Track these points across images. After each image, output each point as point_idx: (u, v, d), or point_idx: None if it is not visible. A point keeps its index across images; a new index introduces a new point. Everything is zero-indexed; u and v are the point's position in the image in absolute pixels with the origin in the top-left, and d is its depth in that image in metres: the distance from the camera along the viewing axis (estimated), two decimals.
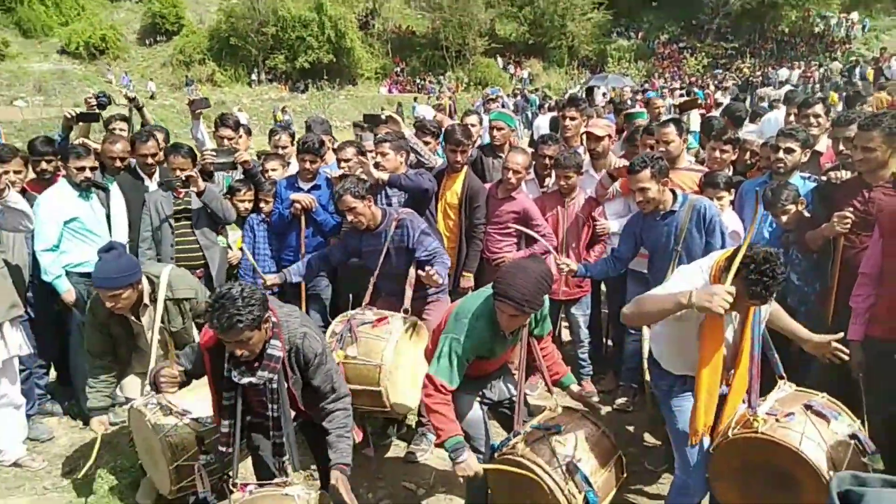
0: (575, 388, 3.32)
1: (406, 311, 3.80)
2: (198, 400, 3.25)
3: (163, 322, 3.45)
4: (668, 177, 3.70)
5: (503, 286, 2.72)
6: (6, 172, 4.03)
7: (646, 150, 4.36)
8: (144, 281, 3.38)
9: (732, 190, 4.01)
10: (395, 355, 3.50)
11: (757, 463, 2.61)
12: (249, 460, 3.22)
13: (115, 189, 4.49)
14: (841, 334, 2.93)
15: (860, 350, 3.16)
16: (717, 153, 4.42)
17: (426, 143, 4.91)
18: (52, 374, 4.86)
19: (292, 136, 5.76)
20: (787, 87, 14.92)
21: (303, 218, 4.59)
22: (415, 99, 26.00)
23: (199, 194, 4.32)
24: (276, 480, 2.73)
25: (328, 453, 2.76)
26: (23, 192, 4.17)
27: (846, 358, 2.87)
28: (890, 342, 3.07)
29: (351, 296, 4.63)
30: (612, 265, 3.92)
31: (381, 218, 3.91)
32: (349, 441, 2.75)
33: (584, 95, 12.19)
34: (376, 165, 4.31)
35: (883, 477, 0.56)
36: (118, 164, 4.58)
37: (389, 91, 32.74)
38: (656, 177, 3.55)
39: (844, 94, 6.81)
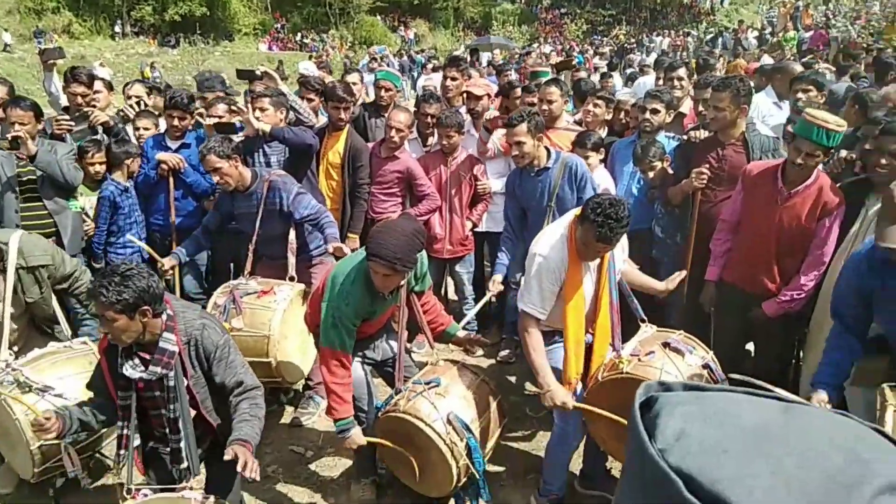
0: (461, 334, 3.41)
1: (292, 279, 3.72)
2: (58, 377, 3.04)
3: (16, 292, 3.17)
4: (544, 133, 3.82)
5: (374, 246, 2.71)
6: None
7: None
8: None
9: (602, 150, 4.18)
10: (283, 325, 3.44)
11: (626, 402, 2.78)
12: None
13: None
14: (684, 273, 3.22)
15: (714, 289, 3.47)
16: (591, 107, 4.62)
17: (310, 101, 4.75)
18: None
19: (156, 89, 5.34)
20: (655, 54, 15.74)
21: (171, 179, 4.32)
22: (309, 57, 24.81)
23: (31, 159, 3.86)
24: (174, 486, 2.49)
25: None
26: None
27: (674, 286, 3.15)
28: (737, 288, 3.38)
29: (232, 264, 4.48)
30: (511, 235, 4.01)
31: (252, 179, 3.76)
32: (256, 425, 2.44)
33: (468, 57, 12.23)
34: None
35: (685, 382, 0.61)
36: None
37: (270, 48, 31.22)
38: (532, 132, 3.64)
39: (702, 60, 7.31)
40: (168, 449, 2.62)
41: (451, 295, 5.35)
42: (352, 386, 3.01)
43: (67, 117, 4.31)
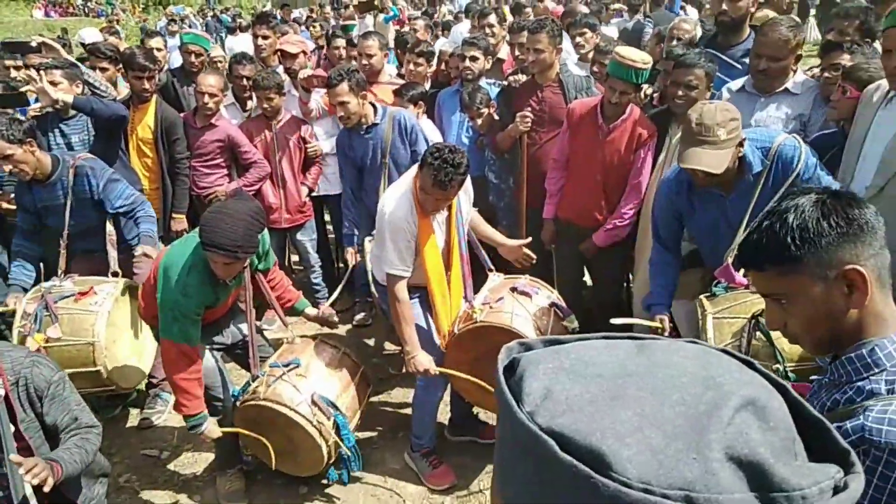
0: (310, 311, 3.31)
1: (115, 274, 3.35)
2: None
3: None
4: (367, 89, 3.73)
5: (210, 235, 2.51)
6: None
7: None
8: None
9: (422, 103, 4.16)
10: (110, 328, 3.09)
11: (483, 350, 2.87)
12: None
13: None
14: (529, 239, 3.34)
15: (552, 226, 3.65)
16: (412, 66, 4.59)
17: (104, 71, 4.24)
18: None
19: None
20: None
21: None
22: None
23: None
24: None
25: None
26: None
27: (534, 262, 3.27)
28: (572, 223, 3.59)
29: (41, 264, 3.93)
30: (351, 198, 3.90)
31: (53, 166, 3.29)
32: (75, 454, 2.24)
33: (277, 13, 11.61)
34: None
35: (545, 338, 0.61)
36: None
37: (47, 14, 27.50)
38: (354, 90, 3.54)
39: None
40: None
41: (296, 265, 5.19)
42: (201, 379, 2.81)
43: None
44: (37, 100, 3.65)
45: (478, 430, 3.43)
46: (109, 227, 3.43)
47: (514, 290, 3.00)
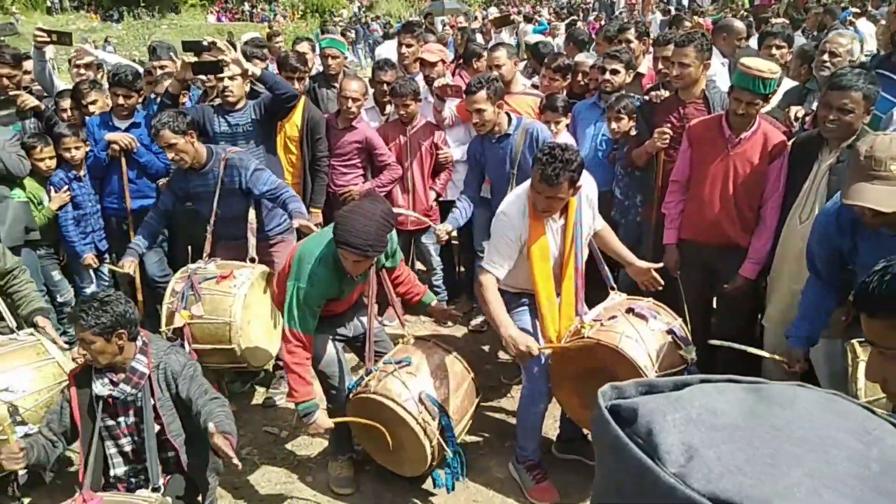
0: (436, 305, 3.40)
1: (252, 260, 3.62)
2: (3, 372, 2.93)
3: None
4: (504, 99, 3.75)
5: (343, 233, 2.63)
6: None
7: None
8: None
9: (570, 114, 4.15)
10: (245, 310, 3.32)
11: (587, 367, 2.81)
12: None
13: None
14: (661, 265, 3.20)
15: (675, 252, 3.50)
16: (547, 81, 4.57)
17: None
18: None
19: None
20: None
21: (123, 160, 4.13)
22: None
23: None
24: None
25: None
26: None
27: (661, 287, 3.14)
28: (698, 243, 3.41)
29: (189, 247, 4.31)
30: (468, 203, 3.92)
31: (208, 157, 3.60)
32: (232, 427, 2.49)
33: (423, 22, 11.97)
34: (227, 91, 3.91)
35: (637, 381, 0.57)
36: None
37: (218, 19, 30.28)
38: (492, 98, 3.58)
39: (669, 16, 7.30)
40: (128, 473, 2.71)
41: (418, 266, 5.32)
42: (311, 368, 2.94)
43: None
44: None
45: (587, 451, 3.34)
46: (252, 216, 3.70)
47: (630, 310, 2.89)
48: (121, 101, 4.10)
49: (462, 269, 5.30)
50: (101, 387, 2.58)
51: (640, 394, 0.56)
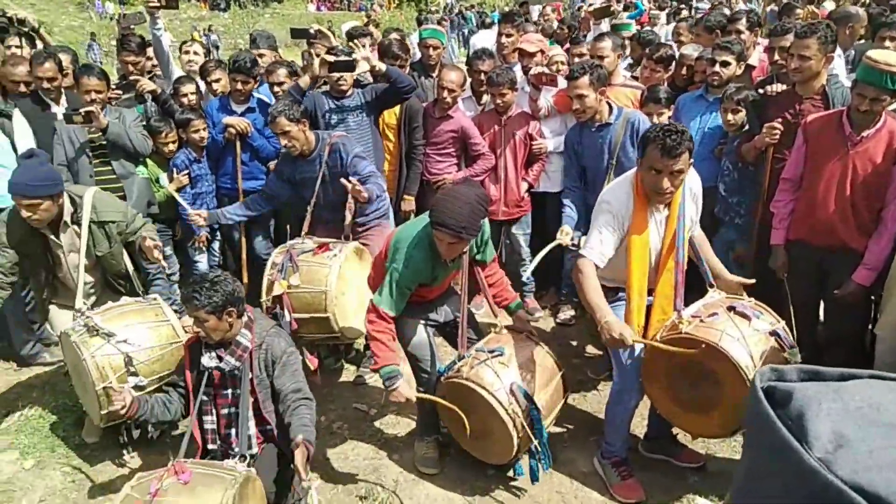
0: (521, 314, 3.37)
1: (347, 238, 3.75)
2: (125, 325, 3.16)
3: (88, 245, 3.29)
4: (606, 87, 3.69)
5: (439, 214, 2.70)
6: None
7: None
8: (66, 200, 3.22)
9: (672, 106, 4.04)
10: (340, 281, 3.47)
11: (682, 363, 2.73)
12: None
13: (17, 115, 4.14)
14: (753, 281, 3.04)
15: (783, 253, 3.34)
16: (648, 72, 4.45)
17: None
18: None
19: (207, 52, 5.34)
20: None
21: (237, 143, 4.37)
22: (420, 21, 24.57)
23: (103, 131, 4.00)
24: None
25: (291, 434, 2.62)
26: None
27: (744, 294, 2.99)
28: (808, 244, 3.25)
29: (289, 227, 4.54)
30: (572, 192, 3.90)
31: (315, 143, 3.77)
32: (314, 434, 2.65)
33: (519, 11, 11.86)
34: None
35: (800, 367, 0.56)
36: (21, 88, 4.21)
37: (318, 9, 31.19)
38: (594, 84, 3.54)
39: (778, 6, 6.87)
40: (223, 446, 2.87)
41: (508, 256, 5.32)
42: (393, 337, 2.98)
43: (119, 91, 4.41)
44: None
45: (673, 451, 3.27)
46: (350, 201, 3.82)
47: (731, 308, 2.79)
48: (239, 86, 4.33)
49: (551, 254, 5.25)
50: (208, 360, 2.76)
51: (800, 379, 0.56)
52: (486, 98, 4.78)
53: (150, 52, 4.88)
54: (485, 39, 7.81)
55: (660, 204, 2.78)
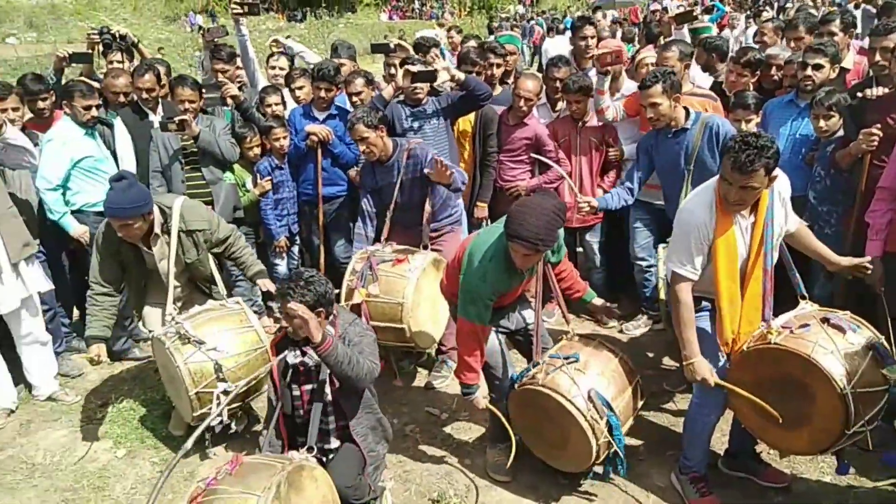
0: (597, 301, 3.37)
1: (425, 247, 3.82)
2: (214, 332, 3.33)
3: (177, 253, 3.47)
4: (681, 92, 3.59)
5: (515, 226, 2.67)
6: (3, 110, 3.97)
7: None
8: (156, 211, 3.39)
9: (760, 112, 3.89)
10: (416, 293, 3.55)
11: (771, 375, 2.62)
12: None
13: (119, 125, 4.42)
14: (867, 259, 2.93)
15: (880, 265, 3.16)
16: (735, 76, 4.30)
17: None
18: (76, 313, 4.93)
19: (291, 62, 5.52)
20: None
21: (318, 151, 4.50)
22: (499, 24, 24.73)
23: (195, 139, 4.22)
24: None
25: None
26: (22, 129, 4.08)
27: (869, 271, 2.89)
28: None
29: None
30: (627, 193, 3.84)
31: (393, 149, 3.84)
32: (347, 352, 2.67)
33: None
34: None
35: None
36: (121, 98, 4.48)
37: (390, 18, 31.78)
38: (668, 92, 3.46)
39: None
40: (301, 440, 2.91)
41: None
42: (483, 358, 3.04)
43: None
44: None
45: (757, 469, 3.14)
46: (428, 206, 3.88)
47: (825, 320, 2.66)
48: (322, 94, 4.46)
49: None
50: (293, 357, 2.84)
51: None
52: (561, 105, 4.75)
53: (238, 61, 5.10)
54: (557, 46, 7.77)
55: (743, 210, 2.69)
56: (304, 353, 2.85)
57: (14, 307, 3.81)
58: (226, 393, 3.25)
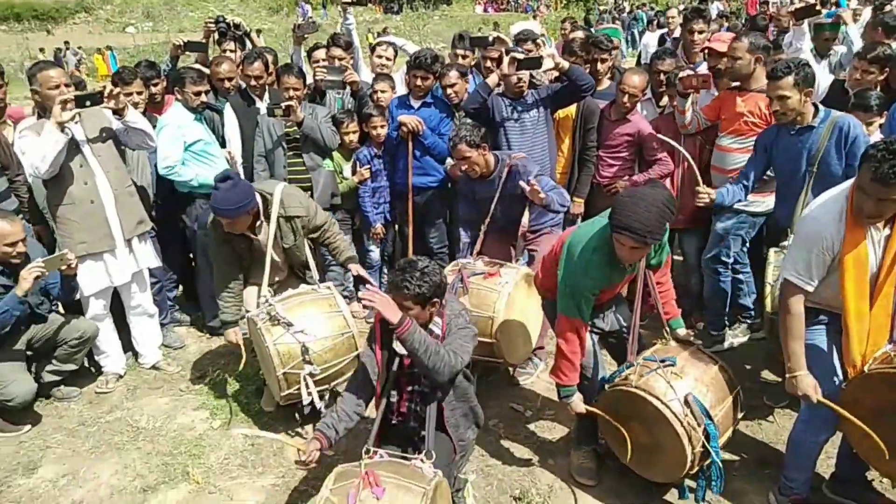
0: (682, 331, 3.17)
1: (520, 249, 3.77)
2: (303, 315, 3.39)
3: (275, 238, 3.57)
4: (813, 87, 3.34)
5: (622, 217, 2.53)
6: (129, 94, 4.22)
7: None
8: (259, 199, 3.50)
9: (885, 113, 3.58)
10: (507, 308, 3.49)
11: (891, 403, 2.42)
12: None
13: (228, 111, 4.61)
14: None
15: None
16: (859, 74, 3.98)
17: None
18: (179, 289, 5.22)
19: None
20: None
21: (410, 142, 4.53)
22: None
23: (299, 125, 4.34)
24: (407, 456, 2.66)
25: None
26: (143, 112, 4.32)
27: None
28: None
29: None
30: (742, 190, 3.62)
31: (494, 164, 3.78)
32: (432, 343, 2.56)
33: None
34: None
35: None
36: (226, 84, 4.65)
37: (485, 10, 31.73)
38: (799, 85, 3.22)
39: None
40: (408, 424, 2.84)
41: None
42: (580, 355, 2.95)
43: (324, 68, 4.74)
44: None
45: (866, 497, 2.91)
46: (524, 221, 3.81)
47: None
48: (419, 82, 4.48)
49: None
50: (399, 346, 2.71)
51: None
52: (665, 100, 4.56)
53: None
54: (655, 40, 7.48)
55: (878, 223, 2.48)
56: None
57: (125, 280, 4.06)
58: (311, 375, 3.33)
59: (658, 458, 2.88)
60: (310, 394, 3.36)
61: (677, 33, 6.51)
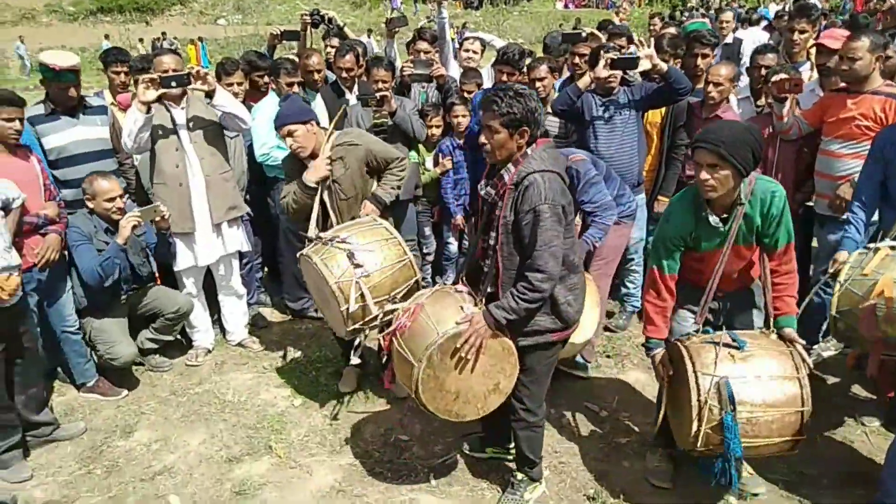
0: (789, 331, 2.82)
1: None
2: (362, 243, 3.21)
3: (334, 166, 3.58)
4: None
5: (700, 134, 2.60)
6: (230, 84, 4.40)
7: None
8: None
9: None
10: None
11: None
12: None
13: (318, 102, 4.73)
14: None
15: None
16: None
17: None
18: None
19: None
20: None
21: None
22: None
23: (392, 114, 4.43)
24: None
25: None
26: (242, 102, 4.50)
27: None
28: None
29: None
30: (862, 210, 3.31)
31: None
32: (513, 307, 2.54)
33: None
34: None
35: None
36: (315, 76, 4.76)
37: (566, 6, 31.28)
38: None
39: None
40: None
41: None
42: (668, 313, 2.91)
43: (411, 62, 4.81)
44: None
45: None
46: (578, 221, 3.74)
47: None
48: (504, 77, 4.48)
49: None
50: (483, 184, 2.69)
51: None
52: (763, 100, 4.39)
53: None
54: (754, 38, 7.17)
55: None
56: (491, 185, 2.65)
57: (209, 262, 4.25)
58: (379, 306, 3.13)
59: (679, 421, 2.83)
60: (378, 322, 3.19)
61: (729, 39, 6.56)
